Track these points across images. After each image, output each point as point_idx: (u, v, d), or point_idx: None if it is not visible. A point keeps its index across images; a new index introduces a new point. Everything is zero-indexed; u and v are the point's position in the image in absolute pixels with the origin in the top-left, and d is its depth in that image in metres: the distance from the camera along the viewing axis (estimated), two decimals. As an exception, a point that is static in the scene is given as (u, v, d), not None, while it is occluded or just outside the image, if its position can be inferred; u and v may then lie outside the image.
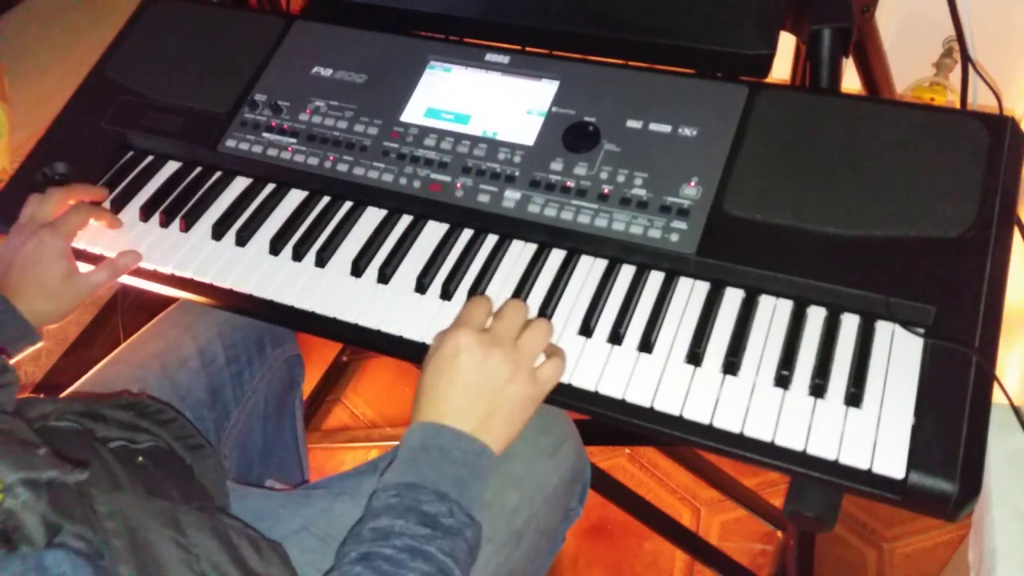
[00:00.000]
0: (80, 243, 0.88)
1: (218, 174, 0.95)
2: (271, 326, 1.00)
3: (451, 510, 0.61)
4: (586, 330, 0.76)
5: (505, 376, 0.66)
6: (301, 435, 1.07)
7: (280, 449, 1.04)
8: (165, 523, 0.55)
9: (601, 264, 0.81)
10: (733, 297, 0.76)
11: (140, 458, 0.64)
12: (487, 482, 0.66)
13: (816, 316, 0.74)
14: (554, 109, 0.87)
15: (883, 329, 0.71)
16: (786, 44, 0.91)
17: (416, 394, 0.69)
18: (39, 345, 0.82)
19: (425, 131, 0.88)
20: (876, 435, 0.65)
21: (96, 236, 0.90)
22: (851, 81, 1.02)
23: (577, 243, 0.82)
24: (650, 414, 0.70)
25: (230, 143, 0.93)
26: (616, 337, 0.75)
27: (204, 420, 0.89)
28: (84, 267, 0.86)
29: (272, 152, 0.91)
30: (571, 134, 0.85)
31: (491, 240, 0.84)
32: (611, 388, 0.72)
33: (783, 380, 0.70)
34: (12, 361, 0.80)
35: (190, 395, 0.89)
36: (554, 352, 0.72)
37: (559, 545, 0.89)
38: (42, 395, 0.75)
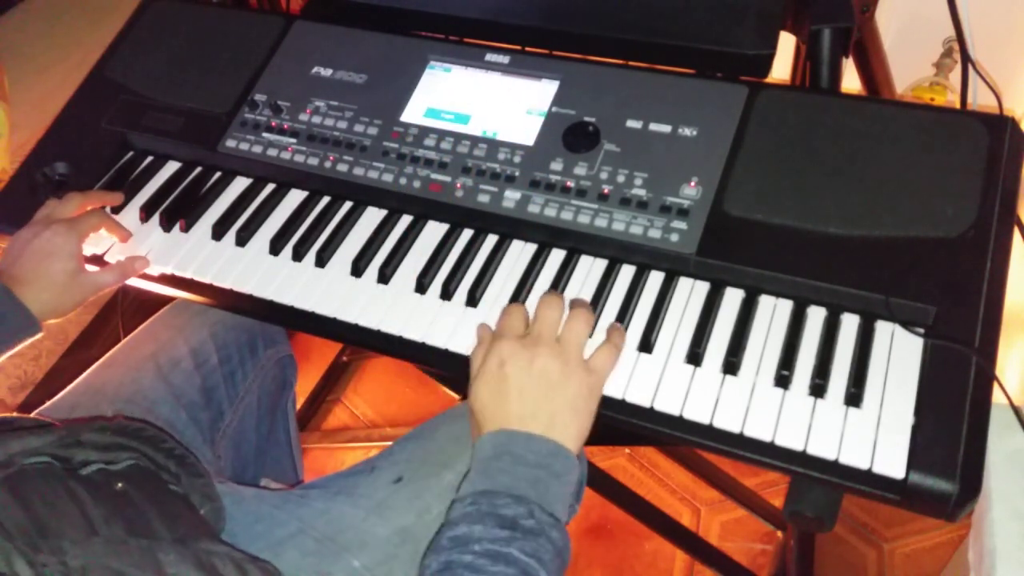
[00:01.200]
0: (85, 246, 0.88)
1: (218, 174, 0.95)
2: (263, 327, 1.00)
3: (530, 511, 0.59)
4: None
5: (557, 373, 0.65)
6: (294, 435, 1.07)
7: (274, 449, 1.04)
8: (144, 566, 0.54)
9: (601, 264, 0.81)
10: (733, 297, 0.76)
11: (120, 484, 0.63)
12: (571, 482, 0.64)
13: (816, 316, 0.74)
14: (554, 109, 0.87)
15: (883, 329, 0.71)
16: (786, 44, 0.91)
17: (473, 416, 0.68)
18: (39, 336, 0.82)
19: (425, 131, 0.88)
20: (876, 435, 0.65)
21: (100, 239, 0.90)
22: (851, 81, 1.02)
23: (577, 243, 0.82)
24: (650, 414, 0.70)
25: (230, 143, 0.93)
26: (616, 337, 0.75)
27: (199, 420, 0.89)
28: (92, 268, 0.86)
29: (272, 152, 0.91)
30: (571, 134, 0.85)
31: (491, 240, 0.84)
32: (611, 388, 0.71)
33: (783, 380, 0.70)
34: (10, 353, 0.80)
35: (184, 396, 0.89)
36: (606, 338, 0.71)
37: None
38: (15, 413, 0.75)
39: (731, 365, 0.71)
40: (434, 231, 0.86)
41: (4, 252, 0.85)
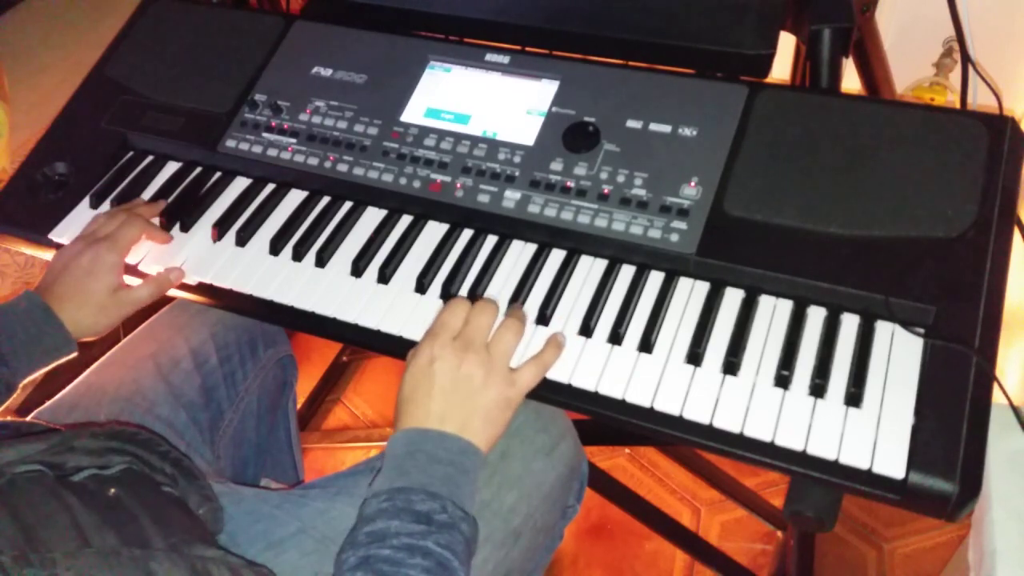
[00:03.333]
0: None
1: (218, 174, 0.95)
2: (263, 327, 1.00)
3: (443, 506, 0.62)
4: (586, 330, 0.76)
5: (480, 380, 0.69)
6: (295, 435, 1.07)
7: (274, 449, 1.04)
8: None
9: (601, 264, 0.81)
10: (733, 297, 0.76)
11: (112, 489, 0.63)
12: (477, 478, 0.67)
13: (816, 316, 0.74)
14: (554, 109, 0.87)
15: (883, 329, 0.71)
16: (786, 44, 0.91)
17: (396, 407, 0.71)
18: (73, 356, 0.82)
19: (425, 131, 0.88)
20: (876, 435, 0.65)
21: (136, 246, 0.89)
22: (851, 81, 1.02)
23: (577, 243, 0.82)
24: (650, 414, 0.70)
25: (230, 143, 0.93)
26: (616, 337, 0.75)
27: (198, 421, 0.89)
28: (131, 281, 0.86)
29: (272, 152, 0.91)
30: (571, 134, 0.85)
31: (491, 240, 0.84)
32: (611, 388, 0.72)
33: (783, 380, 0.70)
34: (43, 372, 0.80)
35: (184, 396, 0.89)
36: (539, 352, 0.73)
37: (557, 543, 0.89)
38: (9, 418, 0.75)
39: (731, 365, 0.71)
40: (434, 231, 0.86)
41: (47, 268, 0.85)
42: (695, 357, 0.72)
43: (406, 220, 0.87)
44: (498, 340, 0.72)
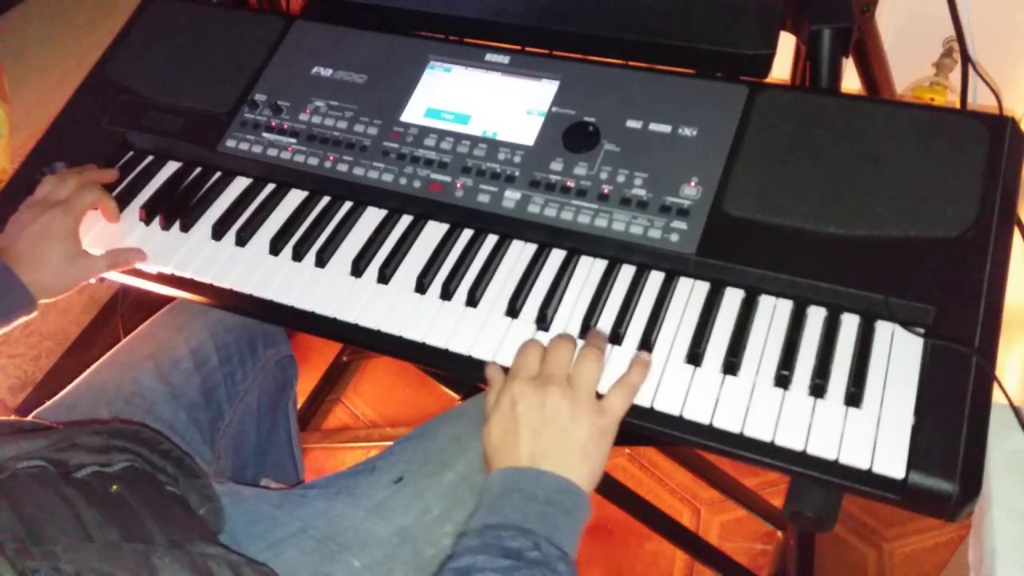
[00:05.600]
0: (85, 244, 0.88)
1: (218, 174, 0.95)
2: (263, 327, 1.00)
3: (536, 543, 0.59)
4: (586, 330, 0.76)
5: (568, 413, 0.66)
6: (295, 435, 1.07)
7: (274, 449, 1.04)
8: (138, 571, 0.54)
9: (601, 264, 0.81)
10: (733, 297, 0.76)
11: (115, 486, 0.63)
12: (581, 519, 0.64)
13: (816, 316, 0.74)
14: (554, 109, 0.87)
15: (883, 329, 0.71)
16: (786, 44, 0.91)
17: (485, 454, 0.69)
18: (33, 316, 0.83)
19: (425, 131, 0.88)
20: (876, 435, 0.65)
21: (99, 237, 0.90)
22: (851, 81, 1.02)
23: (577, 243, 0.82)
24: (650, 414, 0.70)
25: (230, 143, 0.93)
26: (616, 337, 0.75)
27: (198, 421, 0.89)
28: (91, 251, 0.86)
29: (272, 152, 0.91)
30: (571, 134, 0.85)
31: (491, 240, 0.84)
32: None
33: (783, 380, 0.70)
34: (5, 330, 0.81)
35: (184, 396, 0.89)
36: (624, 375, 0.70)
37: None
38: (12, 416, 0.75)
39: (731, 365, 0.71)
40: (434, 231, 0.86)
41: (4, 232, 0.86)
42: (695, 357, 0.72)
43: (406, 220, 0.87)
44: (579, 371, 0.68)
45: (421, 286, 0.81)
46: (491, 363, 0.74)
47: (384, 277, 0.82)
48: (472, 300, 0.79)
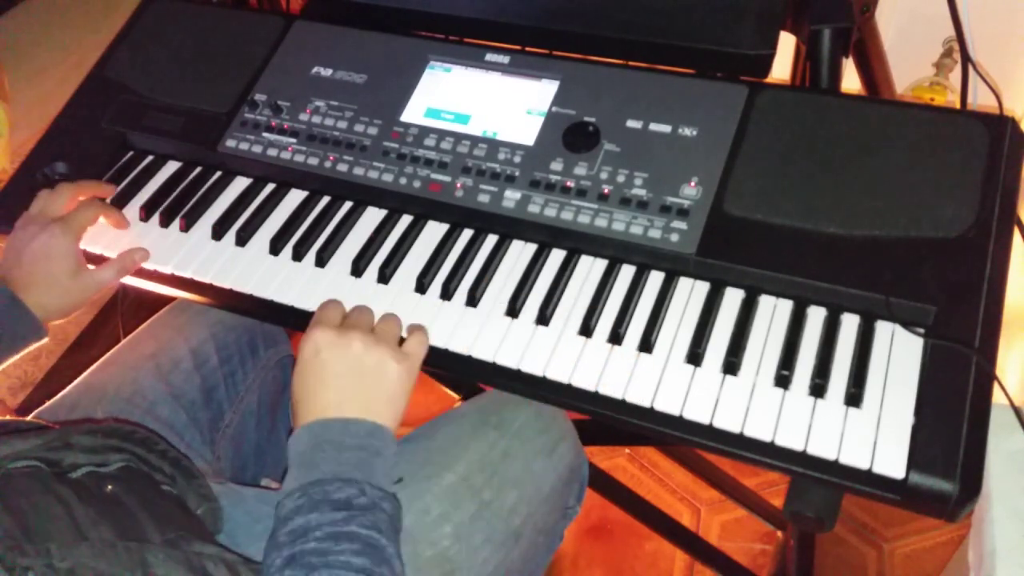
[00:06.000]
0: (82, 243, 0.88)
1: (218, 174, 0.95)
2: (263, 327, 1.00)
3: (361, 490, 0.61)
4: (586, 330, 0.76)
5: (372, 358, 0.68)
6: None
7: (274, 449, 1.04)
8: (133, 569, 0.54)
9: (601, 264, 0.81)
10: (733, 297, 0.76)
11: (110, 486, 0.63)
12: (391, 456, 0.66)
13: (816, 316, 0.74)
14: (554, 109, 0.87)
15: (883, 329, 0.71)
16: (786, 44, 0.91)
17: (291, 407, 0.70)
18: (44, 341, 0.82)
19: (425, 131, 0.88)
20: (876, 435, 0.65)
21: (98, 236, 0.90)
22: (851, 81, 1.02)
23: (577, 243, 0.82)
24: (650, 414, 0.70)
25: (230, 143, 0.93)
26: (616, 337, 0.75)
27: (199, 421, 0.89)
28: (91, 266, 0.86)
29: (272, 152, 0.91)
30: (571, 134, 0.85)
31: (491, 240, 0.84)
32: (611, 388, 0.72)
33: (783, 380, 0.70)
34: (14, 359, 0.80)
35: (184, 396, 0.89)
36: (415, 326, 0.74)
37: (557, 543, 0.89)
38: (9, 416, 0.75)
39: (731, 365, 0.71)
40: (434, 231, 0.86)
41: (3, 255, 0.85)
42: (695, 357, 0.72)
43: (406, 220, 0.87)
44: (382, 323, 0.72)
45: (421, 286, 0.81)
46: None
47: (384, 277, 0.82)
48: (472, 300, 0.79)
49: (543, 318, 0.77)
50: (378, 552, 0.59)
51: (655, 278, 0.79)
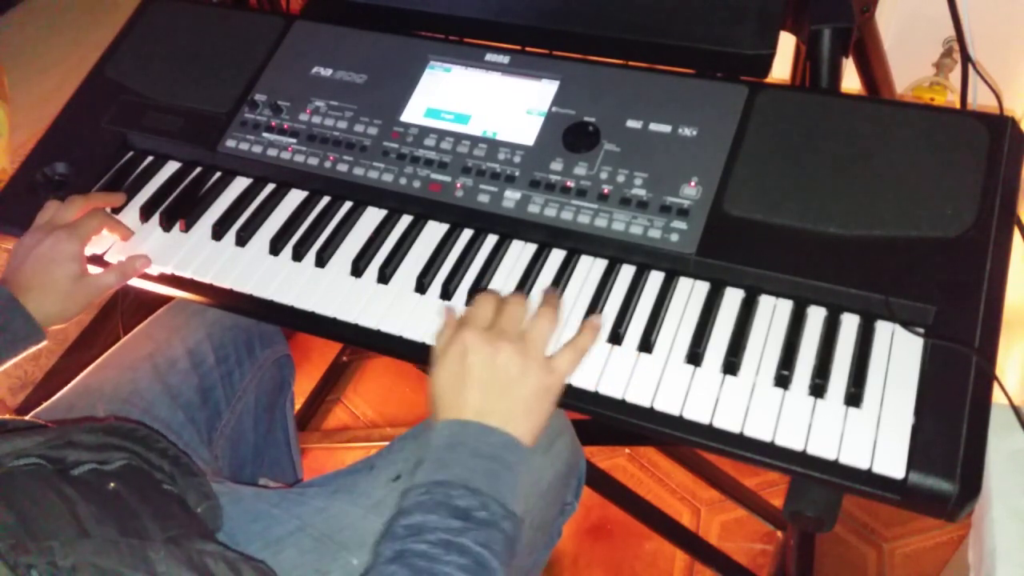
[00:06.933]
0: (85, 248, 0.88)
1: (218, 174, 0.95)
2: (260, 327, 1.00)
3: (484, 503, 0.60)
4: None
5: (517, 370, 0.66)
6: (293, 435, 1.07)
7: (272, 449, 1.04)
8: (135, 566, 0.54)
9: (601, 264, 0.81)
10: (733, 297, 0.76)
11: (112, 483, 0.63)
12: (522, 472, 0.65)
13: (816, 316, 0.74)
14: (554, 109, 0.87)
15: (883, 329, 0.71)
16: (786, 44, 0.91)
17: (431, 398, 0.69)
18: (43, 345, 0.82)
19: (425, 131, 0.88)
20: (876, 435, 0.65)
21: (98, 239, 0.90)
22: (851, 81, 1.02)
23: (577, 243, 0.82)
24: (650, 414, 0.70)
25: (230, 143, 0.93)
26: (616, 337, 0.75)
27: (196, 421, 0.89)
28: (93, 270, 0.86)
29: (272, 152, 0.91)
30: (571, 134, 0.85)
31: (491, 240, 0.84)
32: (611, 388, 0.72)
33: (783, 380, 0.70)
34: (13, 362, 0.80)
35: (181, 396, 0.89)
36: (574, 338, 0.71)
37: (555, 540, 0.89)
38: (8, 415, 0.75)
39: (731, 365, 0.71)
40: (434, 231, 0.86)
41: (8, 259, 0.85)
42: (695, 357, 0.72)
43: (406, 220, 0.87)
44: (532, 328, 0.69)
45: (421, 286, 0.81)
46: (447, 307, 0.75)
47: (384, 277, 0.82)
48: (472, 300, 0.79)
49: (543, 318, 0.77)
50: (485, 572, 0.57)
51: (655, 278, 0.79)
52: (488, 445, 0.64)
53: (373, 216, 0.88)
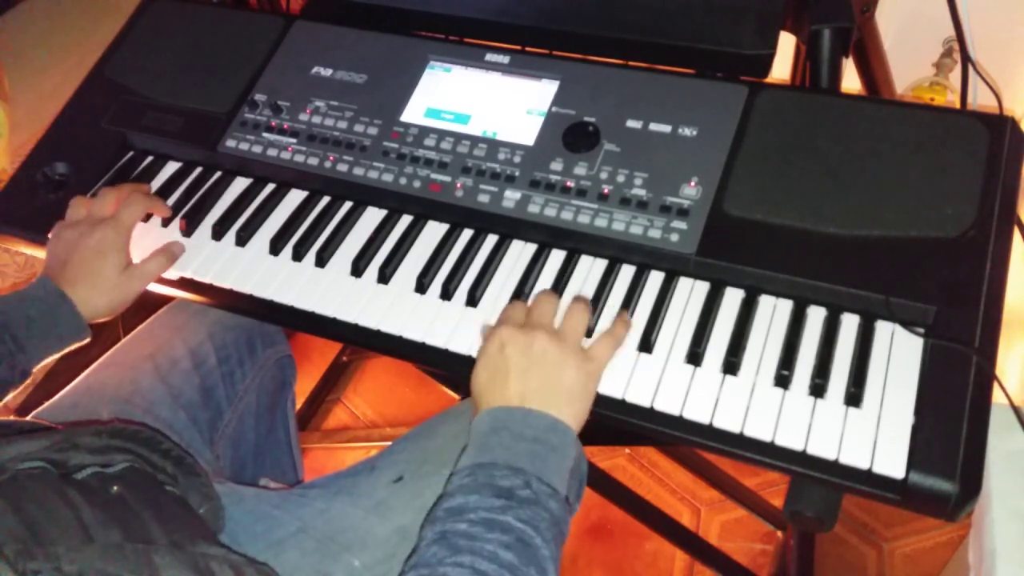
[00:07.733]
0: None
1: (218, 174, 0.95)
2: (262, 327, 1.00)
3: (527, 482, 0.60)
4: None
5: (555, 355, 0.67)
6: (294, 435, 1.07)
7: (274, 449, 1.04)
8: (140, 570, 0.54)
9: (601, 264, 0.81)
10: (733, 297, 0.76)
11: (115, 487, 0.63)
12: (569, 456, 0.65)
13: (816, 316, 0.74)
14: (554, 109, 0.87)
15: (883, 329, 0.71)
16: (786, 44, 0.91)
17: (473, 397, 0.70)
18: (85, 342, 0.82)
19: (425, 131, 0.88)
20: (876, 435, 0.65)
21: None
22: (851, 81, 1.02)
23: (577, 243, 0.82)
24: (650, 414, 0.70)
25: (230, 143, 0.93)
26: (616, 337, 0.75)
27: (197, 421, 0.89)
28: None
29: (272, 152, 0.91)
30: (571, 134, 0.85)
31: (491, 240, 0.84)
32: (611, 388, 0.72)
33: (783, 380, 0.70)
34: (54, 358, 0.81)
35: (182, 396, 0.89)
36: (610, 328, 0.72)
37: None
38: (12, 417, 0.75)
39: (731, 365, 0.71)
40: (434, 231, 0.86)
41: (49, 253, 0.85)
42: (695, 357, 0.72)
43: (406, 220, 0.87)
44: (567, 320, 0.71)
45: (421, 286, 0.81)
46: (485, 325, 0.76)
47: (384, 277, 0.82)
48: (472, 300, 0.79)
49: (543, 318, 0.77)
50: (530, 551, 0.57)
51: (655, 278, 0.79)
52: (531, 428, 0.64)
53: (373, 216, 0.88)
